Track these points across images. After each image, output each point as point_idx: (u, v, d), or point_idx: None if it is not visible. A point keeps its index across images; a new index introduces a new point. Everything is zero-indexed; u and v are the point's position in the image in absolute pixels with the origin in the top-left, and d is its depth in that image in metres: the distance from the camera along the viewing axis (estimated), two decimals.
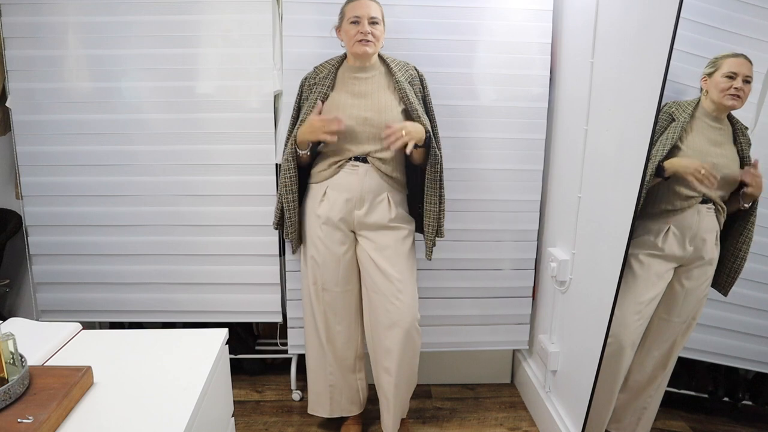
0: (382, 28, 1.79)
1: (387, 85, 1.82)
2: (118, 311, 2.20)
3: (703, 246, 1.43)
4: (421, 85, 1.87)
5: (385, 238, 1.84)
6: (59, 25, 2.00)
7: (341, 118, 1.71)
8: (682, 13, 1.28)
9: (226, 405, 1.28)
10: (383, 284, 1.83)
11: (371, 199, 1.81)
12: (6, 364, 0.93)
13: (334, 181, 1.81)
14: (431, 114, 1.87)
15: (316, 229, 1.85)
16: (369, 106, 1.78)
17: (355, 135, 1.77)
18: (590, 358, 1.67)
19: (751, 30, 1.34)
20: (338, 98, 1.80)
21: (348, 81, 1.82)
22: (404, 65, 1.87)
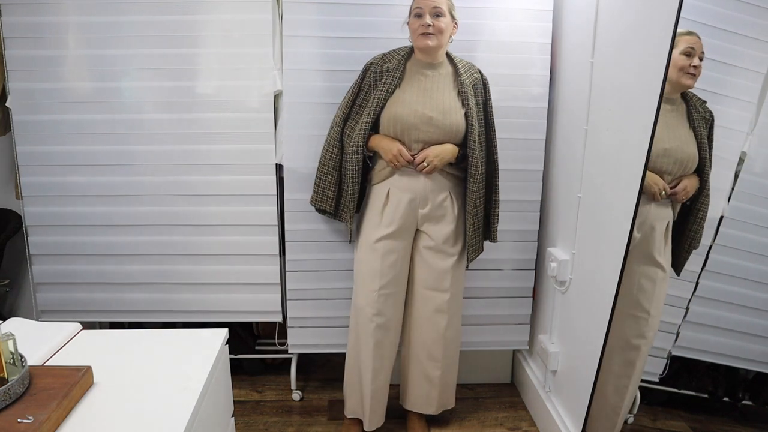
0: (447, 21, 1.75)
1: (452, 85, 1.81)
2: (118, 311, 2.20)
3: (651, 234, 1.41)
4: (484, 89, 1.86)
5: (446, 232, 1.86)
6: (59, 25, 2.00)
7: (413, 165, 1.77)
8: (682, 13, 1.28)
9: (226, 405, 1.28)
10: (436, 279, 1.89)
11: (434, 198, 1.83)
12: (6, 364, 0.93)
13: (396, 181, 1.82)
14: (490, 119, 1.88)
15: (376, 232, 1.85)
16: (434, 106, 1.77)
17: (418, 134, 1.77)
18: (590, 358, 1.67)
19: (751, 30, 1.34)
20: (404, 93, 1.79)
21: (415, 75, 1.80)
22: (470, 67, 1.86)
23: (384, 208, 1.84)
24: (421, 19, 1.72)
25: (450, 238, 1.88)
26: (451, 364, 2.02)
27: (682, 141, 1.33)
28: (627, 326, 1.50)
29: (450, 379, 2.06)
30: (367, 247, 1.88)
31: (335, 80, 2.04)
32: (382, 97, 1.78)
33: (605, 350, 1.59)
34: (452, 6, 1.77)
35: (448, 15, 1.75)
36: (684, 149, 1.33)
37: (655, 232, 1.40)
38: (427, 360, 1.97)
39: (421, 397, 2.03)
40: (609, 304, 1.55)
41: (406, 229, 1.86)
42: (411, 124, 1.75)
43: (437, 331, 1.93)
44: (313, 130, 2.05)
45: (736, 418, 1.55)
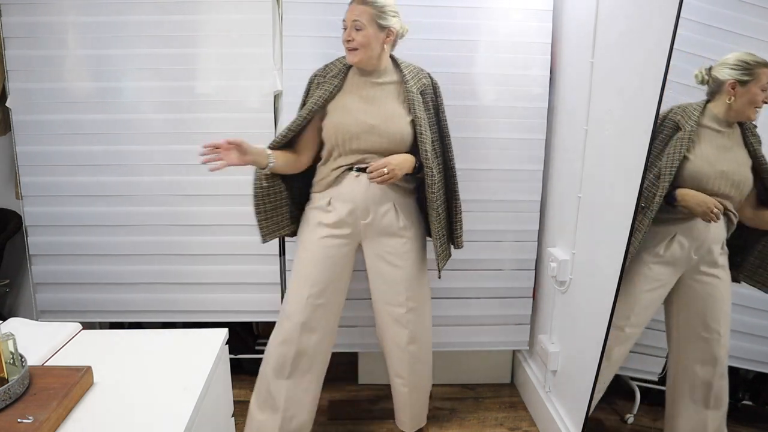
0: (370, 32, 1.64)
1: (398, 92, 1.74)
2: (118, 311, 2.20)
3: (709, 256, 1.39)
4: (434, 93, 1.80)
5: (390, 244, 1.79)
6: (59, 25, 2.00)
7: (233, 145, 1.57)
8: (682, 13, 1.28)
9: (226, 405, 1.28)
10: (390, 292, 1.81)
11: (376, 209, 1.74)
12: (6, 364, 0.93)
13: (337, 191, 1.74)
14: (443, 123, 1.81)
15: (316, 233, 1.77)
16: (377, 114, 1.69)
17: (360, 143, 1.69)
18: (590, 358, 1.67)
19: (751, 30, 1.34)
20: (346, 101, 1.72)
21: (358, 84, 1.74)
22: (417, 72, 1.77)
23: (325, 215, 1.75)
24: (345, 33, 1.67)
25: (398, 251, 1.78)
26: (419, 380, 1.93)
27: (738, 163, 1.32)
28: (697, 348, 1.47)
29: (420, 396, 1.97)
30: (303, 252, 1.78)
31: None
32: (317, 103, 1.69)
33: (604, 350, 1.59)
34: (381, 15, 1.64)
35: (371, 26, 1.64)
36: (740, 171, 1.32)
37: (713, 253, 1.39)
38: (394, 376, 1.92)
39: (398, 411, 1.99)
40: (609, 304, 1.55)
41: (348, 237, 1.77)
42: (352, 133, 1.68)
43: (398, 345, 1.85)
44: None
45: (736, 418, 1.55)
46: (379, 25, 1.66)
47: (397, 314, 1.82)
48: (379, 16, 1.65)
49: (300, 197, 1.85)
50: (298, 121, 1.70)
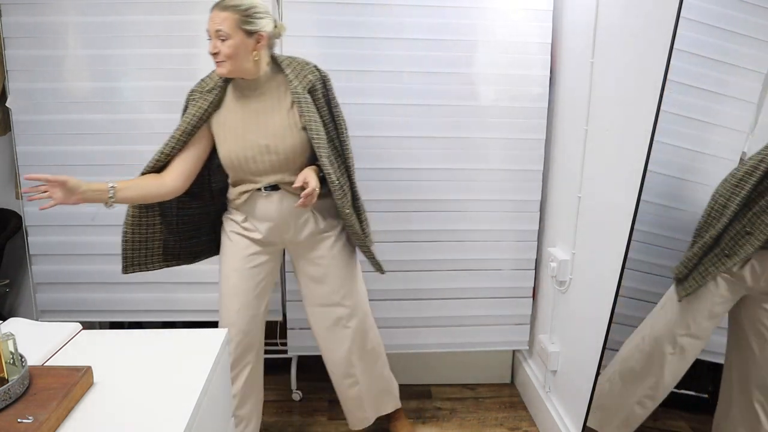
0: (236, 41, 1.48)
1: (285, 97, 1.61)
2: (118, 311, 2.20)
3: None
4: (324, 87, 1.66)
5: (317, 248, 1.74)
6: (59, 25, 2.00)
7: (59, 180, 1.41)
8: (682, 13, 1.28)
9: (226, 405, 1.28)
10: (325, 294, 1.78)
11: (295, 223, 1.69)
12: (6, 364, 0.93)
13: (252, 212, 1.68)
14: (338, 119, 1.69)
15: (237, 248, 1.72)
16: (267, 131, 1.59)
17: (257, 165, 1.60)
18: (590, 358, 1.67)
19: (751, 30, 1.34)
20: (232, 122, 1.60)
21: (239, 99, 1.61)
22: (302, 68, 1.63)
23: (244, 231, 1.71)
24: (209, 44, 1.52)
25: (325, 254, 1.74)
26: (372, 370, 1.90)
27: None
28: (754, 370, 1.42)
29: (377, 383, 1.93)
30: (227, 267, 1.74)
31: (335, 80, 2.03)
32: (191, 123, 1.59)
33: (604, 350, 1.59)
34: (246, 20, 1.49)
35: (237, 33, 1.48)
36: None
37: None
38: (342, 378, 1.87)
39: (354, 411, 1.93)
40: (609, 304, 1.55)
41: (270, 250, 1.75)
42: (248, 157, 1.58)
43: (343, 345, 1.82)
44: None
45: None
46: (247, 31, 1.50)
47: (338, 315, 1.79)
48: (244, 22, 1.49)
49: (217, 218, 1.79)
50: (171, 143, 1.60)
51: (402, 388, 2.37)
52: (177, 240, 1.76)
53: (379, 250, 2.16)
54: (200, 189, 1.74)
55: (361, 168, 2.10)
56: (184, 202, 1.71)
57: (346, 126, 1.73)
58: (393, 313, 2.23)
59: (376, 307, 2.21)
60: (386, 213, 2.14)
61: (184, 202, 1.71)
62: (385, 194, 2.13)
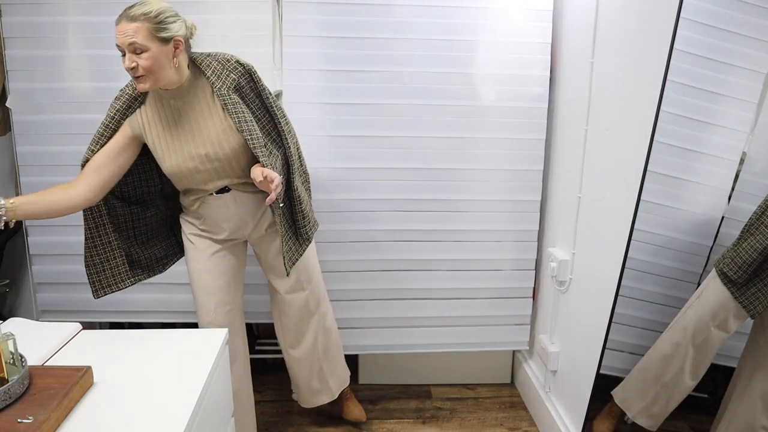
0: (154, 53, 1.38)
1: (212, 100, 1.53)
2: (118, 311, 2.20)
3: None
4: (251, 80, 1.58)
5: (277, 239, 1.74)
6: (59, 25, 2.00)
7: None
8: (682, 13, 1.28)
9: (226, 405, 1.28)
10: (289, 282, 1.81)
11: (253, 217, 1.70)
12: (6, 364, 0.93)
13: (208, 215, 1.67)
14: (272, 110, 1.61)
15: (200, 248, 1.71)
16: (202, 140, 1.53)
17: (202, 175, 1.56)
18: (590, 358, 1.67)
19: (751, 30, 1.34)
20: (164, 138, 1.53)
21: (164, 112, 1.53)
22: (223, 66, 1.55)
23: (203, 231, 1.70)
24: (124, 59, 1.40)
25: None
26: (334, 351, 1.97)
27: None
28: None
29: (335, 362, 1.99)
30: (194, 267, 1.73)
31: (335, 80, 2.04)
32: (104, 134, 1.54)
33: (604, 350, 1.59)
34: (159, 27, 1.38)
35: (153, 43, 1.37)
36: None
37: None
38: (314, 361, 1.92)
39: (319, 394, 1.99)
40: (609, 304, 1.55)
41: (232, 245, 1.75)
42: (190, 168, 1.54)
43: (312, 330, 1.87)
44: (313, 130, 2.05)
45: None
46: (162, 39, 1.39)
47: (300, 299, 1.83)
48: (157, 30, 1.38)
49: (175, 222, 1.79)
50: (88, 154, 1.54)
51: (402, 388, 2.37)
52: (140, 250, 1.73)
53: (378, 250, 2.17)
54: (153, 197, 1.72)
55: (361, 168, 2.11)
56: (136, 213, 1.68)
57: (284, 113, 1.66)
58: (393, 313, 2.22)
59: (375, 307, 2.22)
60: (386, 213, 2.14)
61: (137, 212, 1.68)
62: (385, 194, 2.13)
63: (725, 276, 1.41)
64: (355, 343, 2.25)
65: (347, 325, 2.20)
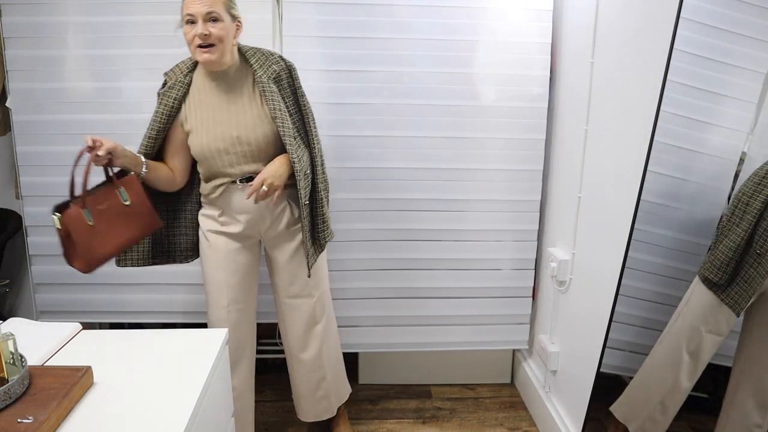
0: (226, 24, 1.48)
1: (251, 88, 1.61)
2: (118, 311, 2.20)
3: None
4: (290, 76, 1.65)
5: (294, 238, 1.75)
6: (59, 25, 2.00)
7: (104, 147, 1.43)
8: (682, 13, 1.28)
9: (226, 405, 1.28)
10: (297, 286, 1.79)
11: (271, 213, 1.70)
12: (6, 364, 0.93)
13: (228, 206, 1.67)
14: (304, 109, 1.68)
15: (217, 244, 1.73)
16: (237, 122, 1.58)
17: (230, 157, 1.60)
18: (590, 358, 1.67)
19: (751, 30, 1.34)
20: (201, 115, 1.59)
21: (207, 90, 1.59)
22: (267, 59, 1.62)
23: (221, 227, 1.71)
24: (194, 28, 1.47)
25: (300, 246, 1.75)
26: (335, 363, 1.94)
27: None
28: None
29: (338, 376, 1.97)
30: (209, 265, 1.74)
31: (335, 80, 2.04)
32: (159, 119, 1.59)
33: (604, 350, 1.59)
34: (231, 4, 1.52)
35: (226, 16, 1.49)
36: None
37: None
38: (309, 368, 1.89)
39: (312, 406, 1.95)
40: (609, 304, 1.55)
41: (248, 243, 1.75)
42: (220, 149, 1.58)
43: (307, 331, 1.83)
44: None
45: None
46: (232, 15, 1.52)
47: (308, 305, 1.81)
48: (230, 6, 1.51)
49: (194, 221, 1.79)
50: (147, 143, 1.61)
51: (402, 388, 2.37)
52: (166, 236, 1.77)
53: (378, 249, 2.17)
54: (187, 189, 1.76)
55: (361, 167, 2.11)
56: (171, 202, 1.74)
57: (314, 117, 1.72)
58: (392, 312, 2.23)
59: (375, 306, 2.22)
60: (386, 212, 2.14)
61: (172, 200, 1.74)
62: (385, 193, 2.13)
63: (708, 281, 1.43)
64: (355, 342, 2.25)
65: (347, 324, 2.20)
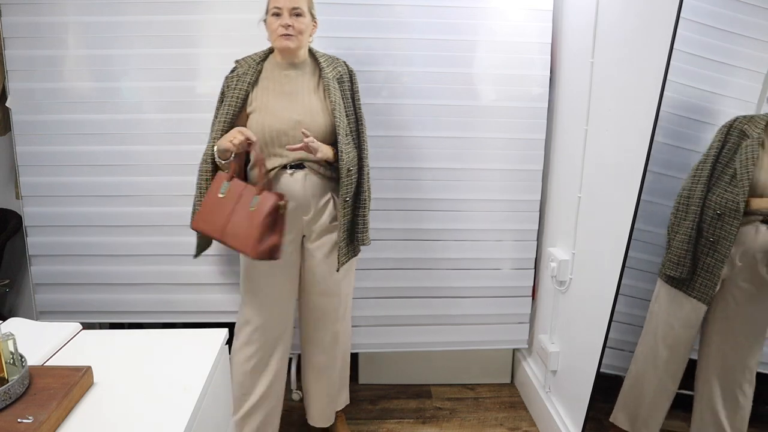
0: (307, 21, 1.65)
1: (316, 83, 1.72)
2: (118, 311, 2.20)
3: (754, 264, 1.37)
4: (350, 81, 1.77)
5: (333, 235, 1.78)
6: (59, 25, 2.00)
7: (253, 138, 1.58)
8: (682, 13, 1.28)
9: (226, 405, 1.28)
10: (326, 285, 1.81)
11: (316, 203, 1.73)
12: (6, 364, 0.93)
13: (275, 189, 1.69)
14: (359, 113, 1.77)
15: None
16: (300, 109, 1.67)
17: (288, 140, 1.65)
18: (590, 358, 1.67)
19: (751, 30, 1.34)
20: (266, 98, 1.68)
21: (276, 78, 1.70)
22: (333, 60, 1.75)
23: None
24: (279, 19, 1.62)
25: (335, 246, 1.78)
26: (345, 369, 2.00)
27: None
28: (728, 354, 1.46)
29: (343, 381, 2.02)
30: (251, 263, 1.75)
31: None
32: (233, 104, 1.66)
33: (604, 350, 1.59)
34: (312, 5, 1.68)
35: (308, 14, 1.66)
36: None
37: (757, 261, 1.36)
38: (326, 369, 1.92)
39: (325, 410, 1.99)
40: (609, 303, 1.55)
41: (292, 236, 1.75)
42: (279, 130, 1.65)
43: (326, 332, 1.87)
44: None
45: None
46: (311, 14, 1.68)
47: (330, 304, 1.83)
48: (311, 5, 1.68)
49: None
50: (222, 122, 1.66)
51: (402, 388, 2.38)
52: None
53: (378, 249, 2.17)
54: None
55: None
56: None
57: (365, 125, 1.79)
58: (392, 312, 2.23)
59: (375, 306, 2.22)
60: (386, 212, 2.14)
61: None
62: (385, 193, 2.13)
63: (670, 278, 1.46)
64: (355, 342, 2.24)
65: None
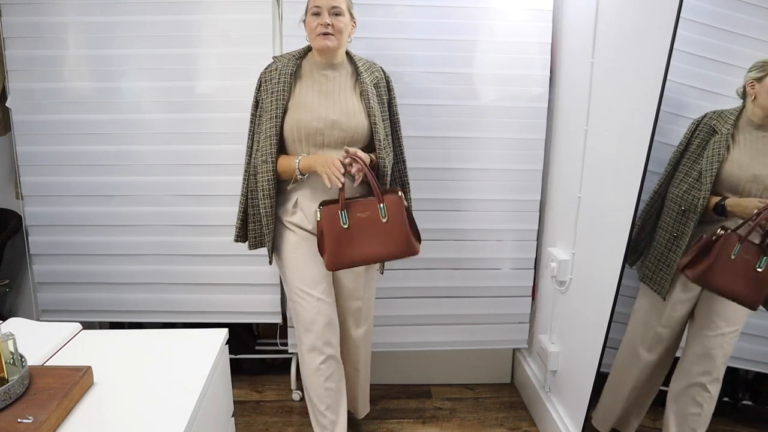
0: (346, 20, 1.64)
1: (353, 85, 1.71)
2: (118, 311, 2.20)
3: None
4: (387, 87, 1.76)
5: None
6: (59, 25, 2.00)
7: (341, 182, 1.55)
8: (682, 13, 1.28)
9: (226, 405, 1.28)
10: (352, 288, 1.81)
11: None
12: (6, 364, 0.93)
13: (306, 191, 1.68)
14: (395, 118, 1.78)
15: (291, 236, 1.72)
16: (337, 108, 1.66)
17: (324, 138, 1.65)
18: (590, 358, 1.67)
19: (751, 30, 1.34)
20: (304, 95, 1.67)
21: (314, 77, 1.69)
22: (371, 65, 1.75)
23: (292, 216, 1.71)
24: (319, 18, 1.61)
25: None
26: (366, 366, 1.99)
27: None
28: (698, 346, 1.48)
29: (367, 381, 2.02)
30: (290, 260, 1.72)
31: None
32: (280, 99, 1.64)
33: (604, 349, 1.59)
34: (351, 4, 1.68)
35: (347, 14, 1.65)
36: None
37: None
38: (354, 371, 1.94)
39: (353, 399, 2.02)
40: (609, 304, 1.55)
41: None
42: (315, 128, 1.64)
43: (352, 336, 1.87)
44: None
45: (737, 418, 1.55)
46: (351, 14, 1.68)
47: (355, 307, 1.84)
48: (351, 6, 1.67)
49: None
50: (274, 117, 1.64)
51: (402, 388, 2.38)
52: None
53: None
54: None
55: None
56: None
57: (401, 128, 1.79)
58: (393, 311, 2.23)
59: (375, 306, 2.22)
60: None
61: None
62: None
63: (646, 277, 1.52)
64: None
65: None
